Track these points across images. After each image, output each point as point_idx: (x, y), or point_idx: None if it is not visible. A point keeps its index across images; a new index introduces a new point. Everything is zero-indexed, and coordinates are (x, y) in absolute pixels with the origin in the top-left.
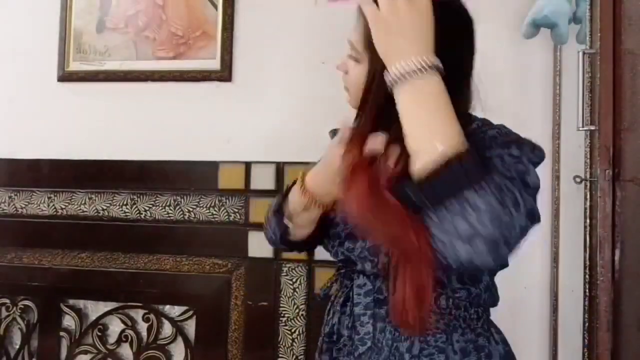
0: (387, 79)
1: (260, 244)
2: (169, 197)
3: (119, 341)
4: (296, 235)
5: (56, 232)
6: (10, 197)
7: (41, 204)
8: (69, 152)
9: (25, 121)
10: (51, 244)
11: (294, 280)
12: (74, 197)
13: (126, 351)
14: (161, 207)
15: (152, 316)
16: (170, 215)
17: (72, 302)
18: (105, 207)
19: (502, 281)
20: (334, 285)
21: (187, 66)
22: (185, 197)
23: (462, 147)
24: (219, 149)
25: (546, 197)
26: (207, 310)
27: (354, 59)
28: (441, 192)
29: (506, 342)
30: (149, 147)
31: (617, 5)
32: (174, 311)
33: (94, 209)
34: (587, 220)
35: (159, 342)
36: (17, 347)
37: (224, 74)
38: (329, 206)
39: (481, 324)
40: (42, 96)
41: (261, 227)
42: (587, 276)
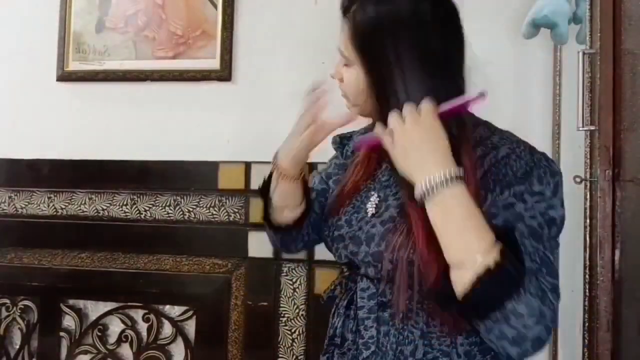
0: (416, 197)
1: (260, 244)
2: (169, 197)
3: (119, 341)
4: (281, 218)
5: (56, 232)
6: (10, 197)
7: (41, 204)
8: (68, 152)
9: (24, 121)
10: (51, 244)
11: (294, 280)
12: (74, 197)
13: (126, 351)
14: (161, 207)
15: (152, 316)
16: (170, 215)
17: (72, 302)
18: (105, 207)
19: None
20: (337, 287)
21: (187, 66)
22: (185, 197)
23: (496, 254)
24: (219, 149)
25: None
26: (207, 310)
27: (344, 64)
28: (486, 306)
29: None
30: (149, 147)
31: (617, 5)
32: (174, 311)
33: (94, 209)
34: (587, 220)
35: (159, 342)
36: (17, 347)
37: (224, 74)
38: (297, 176)
39: None
40: (42, 96)
41: (261, 227)
42: (587, 276)
